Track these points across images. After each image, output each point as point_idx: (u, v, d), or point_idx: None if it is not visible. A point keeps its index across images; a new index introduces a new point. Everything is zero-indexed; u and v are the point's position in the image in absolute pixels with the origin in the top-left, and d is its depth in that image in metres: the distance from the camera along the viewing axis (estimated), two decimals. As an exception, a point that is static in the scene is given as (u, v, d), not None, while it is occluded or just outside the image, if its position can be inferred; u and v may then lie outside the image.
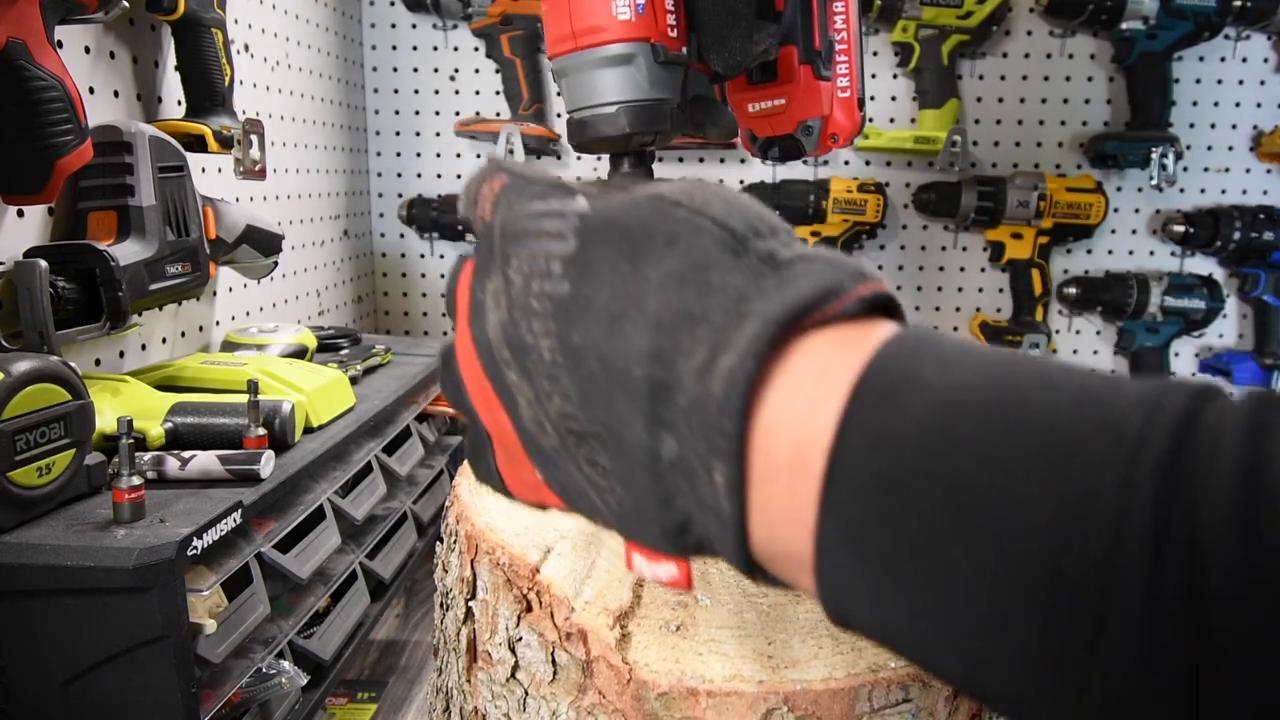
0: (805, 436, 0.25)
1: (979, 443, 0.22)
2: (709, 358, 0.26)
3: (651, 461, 0.28)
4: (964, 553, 0.22)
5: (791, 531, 0.26)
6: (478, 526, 0.46)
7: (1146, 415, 0.21)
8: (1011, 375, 0.24)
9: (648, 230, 0.29)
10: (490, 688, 0.43)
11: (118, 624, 0.52)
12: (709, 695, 0.35)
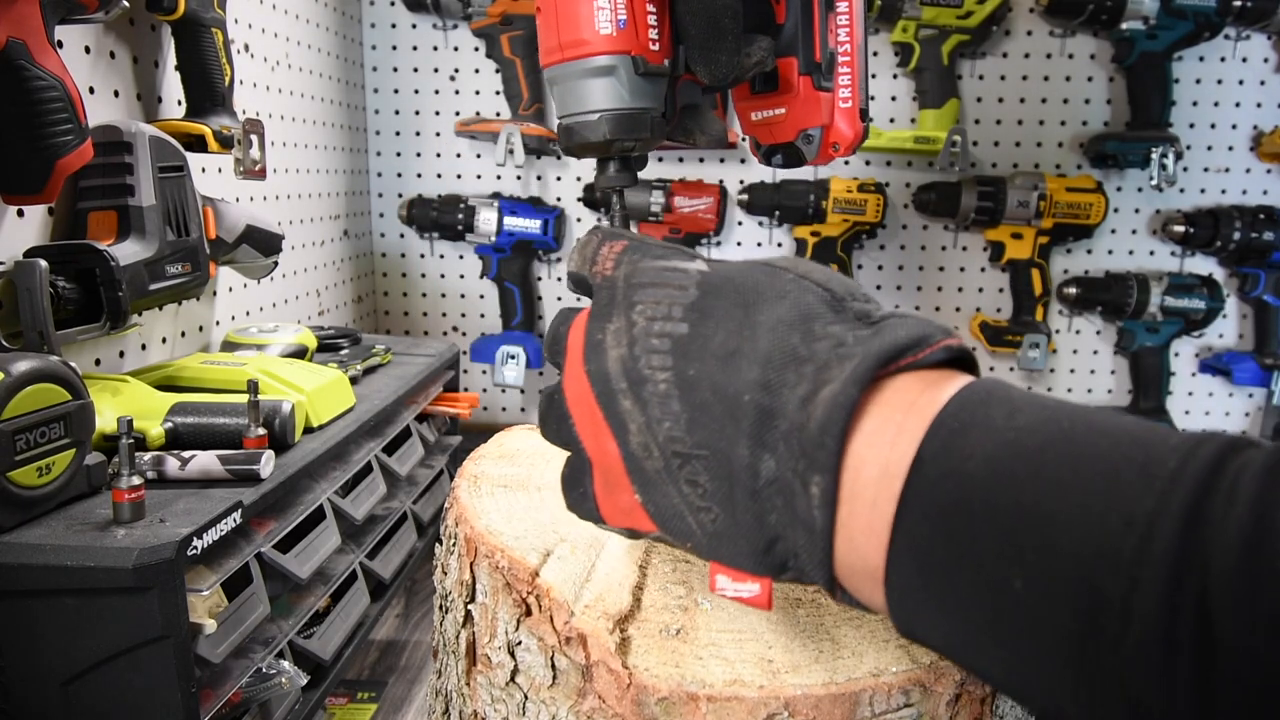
0: (891, 461, 0.29)
1: (1033, 477, 0.26)
2: (811, 390, 0.31)
3: (751, 479, 0.32)
4: (1017, 570, 0.26)
5: (869, 545, 0.30)
6: (477, 529, 0.46)
7: (1181, 459, 0.25)
8: (1067, 420, 0.28)
9: (759, 286, 0.35)
10: (490, 691, 0.43)
11: (118, 624, 0.52)
12: (709, 700, 0.35)
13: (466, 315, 1.70)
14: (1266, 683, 0.22)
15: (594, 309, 0.39)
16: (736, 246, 1.66)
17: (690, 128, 0.61)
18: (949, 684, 0.37)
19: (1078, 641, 0.25)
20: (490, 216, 1.56)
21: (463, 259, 1.67)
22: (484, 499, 0.51)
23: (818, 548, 0.31)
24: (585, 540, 0.46)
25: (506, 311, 1.63)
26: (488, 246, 1.59)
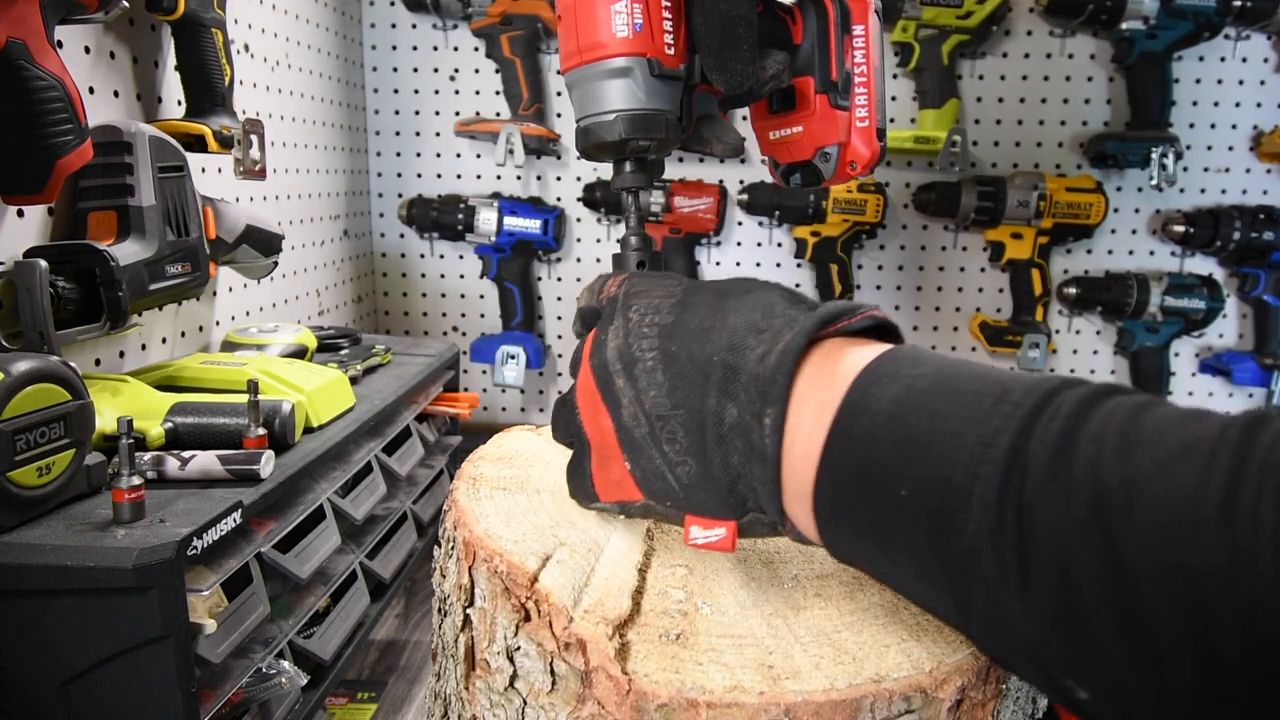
0: (825, 400, 0.37)
1: (919, 412, 0.34)
2: (768, 349, 0.39)
3: (718, 425, 0.39)
4: (903, 485, 0.33)
5: (805, 471, 0.37)
6: (475, 533, 0.46)
7: (1027, 392, 0.32)
8: (955, 370, 0.35)
9: (733, 287, 0.44)
10: (489, 696, 0.43)
11: (118, 624, 0.52)
12: (709, 706, 0.35)
13: (466, 315, 1.70)
14: (1069, 561, 0.29)
15: (600, 321, 0.46)
16: (736, 246, 1.66)
17: (707, 136, 0.63)
18: (951, 689, 0.37)
19: (939, 535, 0.32)
20: (490, 216, 1.56)
21: (463, 259, 1.67)
22: (483, 502, 0.51)
23: (769, 476, 0.38)
24: (584, 544, 0.46)
25: (506, 311, 1.62)
26: (488, 246, 1.59)
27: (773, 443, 0.37)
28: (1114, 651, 0.28)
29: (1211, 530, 0.26)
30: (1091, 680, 0.29)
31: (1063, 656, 0.30)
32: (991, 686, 0.38)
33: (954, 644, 0.39)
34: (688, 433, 0.40)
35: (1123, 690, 0.29)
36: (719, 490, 0.40)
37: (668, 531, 0.49)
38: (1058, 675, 0.31)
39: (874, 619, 0.41)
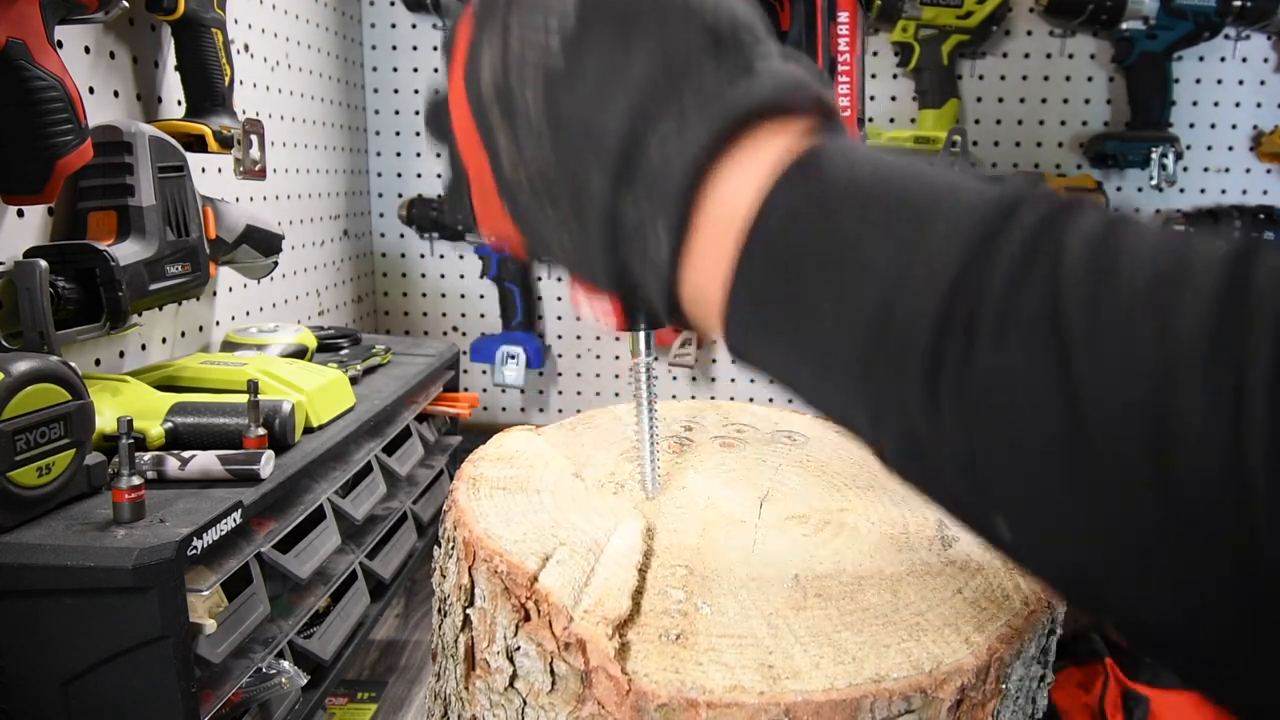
0: (736, 206, 0.31)
1: (855, 219, 0.29)
2: (674, 133, 0.32)
3: (605, 209, 0.34)
4: (827, 297, 0.29)
5: (712, 282, 0.32)
6: (475, 533, 0.46)
7: (986, 204, 0.28)
8: (898, 174, 0.30)
9: (643, 15, 0.34)
10: (488, 696, 0.43)
11: (118, 624, 0.52)
12: (709, 707, 0.35)
13: (466, 315, 1.70)
14: (1016, 399, 0.26)
15: (477, 13, 0.38)
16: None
17: None
18: (950, 690, 0.37)
19: (868, 360, 0.29)
20: (490, 216, 1.56)
21: (463, 259, 1.67)
22: (482, 501, 0.51)
23: (662, 288, 0.34)
24: (584, 545, 0.46)
25: (506, 311, 1.62)
26: (488, 246, 1.59)
27: (670, 262, 0.33)
28: (1062, 495, 0.25)
29: (1192, 373, 0.23)
30: (1024, 524, 0.27)
31: (999, 502, 0.28)
32: (991, 686, 0.38)
33: (954, 644, 0.39)
34: (573, 204, 0.35)
35: (1057, 537, 0.26)
36: (605, 272, 0.36)
37: (668, 532, 0.49)
38: (984, 511, 0.29)
39: (874, 619, 0.41)
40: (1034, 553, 0.29)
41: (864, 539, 0.49)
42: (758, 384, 1.73)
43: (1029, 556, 0.29)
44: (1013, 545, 0.29)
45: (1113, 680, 1.48)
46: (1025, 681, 0.41)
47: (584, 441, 0.62)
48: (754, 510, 0.52)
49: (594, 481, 0.55)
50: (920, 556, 0.47)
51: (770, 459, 0.60)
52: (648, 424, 0.53)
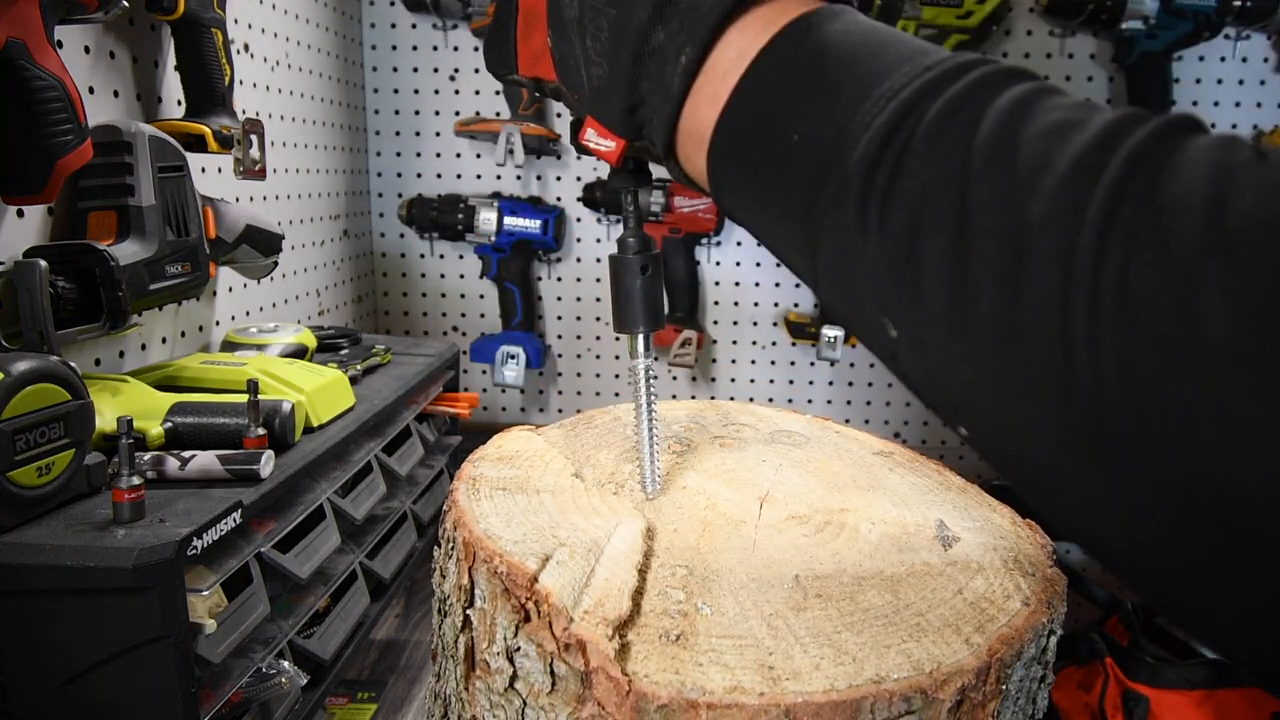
0: (747, 47, 0.36)
1: (836, 61, 0.34)
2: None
3: (641, 43, 0.38)
4: (797, 125, 0.33)
5: (709, 112, 0.37)
6: (475, 533, 0.46)
7: (948, 60, 0.32)
8: (884, 36, 0.35)
9: None
10: (489, 697, 0.43)
11: (118, 624, 0.52)
12: (709, 708, 0.35)
13: (466, 315, 1.70)
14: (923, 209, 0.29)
15: None
16: (736, 246, 1.66)
17: None
18: (951, 690, 0.37)
19: (816, 179, 0.33)
20: (490, 216, 1.56)
21: (463, 259, 1.67)
22: (482, 502, 0.51)
23: (667, 112, 0.38)
24: (584, 545, 0.46)
25: (506, 311, 1.62)
26: (488, 246, 1.59)
27: (681, 83, 0.37)
28: (938, 305, 0.29)
29: (1052, 186, 0.26)
30: (910, 332, 0.31)
31: (895, 305, 0.31)
32: (991, 687, 0.38)
33: (954, 645, 0.39)
34: (612, 35, 0.39)
35: (935, 346, 0.30)
36: (621, 108, 0.40)
37: (668, 532, 0.49)
38: (883, 324, 0.32)
39: (874, 619, 0.41)
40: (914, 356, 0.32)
41: (864, 539, 0.49)
42: (758, 384, 1.73)
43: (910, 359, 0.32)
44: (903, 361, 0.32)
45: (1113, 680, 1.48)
46: (1026, 682, 0.41)
47: (584, 442, 0.62)
48: (754, 511, 0.52)
49: (594, 482, 0.55)
50: (920, 557, 0.47)
51: (770, 459, 0.60)
52: (647, 426, 0.53)
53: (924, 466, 0.61)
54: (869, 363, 1.72)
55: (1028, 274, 0.26)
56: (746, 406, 0.72)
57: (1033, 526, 0.52)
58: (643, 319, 0.52)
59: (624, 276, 0.52)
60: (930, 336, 0.30)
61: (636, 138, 0.42)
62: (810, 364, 1.72)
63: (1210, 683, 1.48)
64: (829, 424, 0.69)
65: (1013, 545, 0.49)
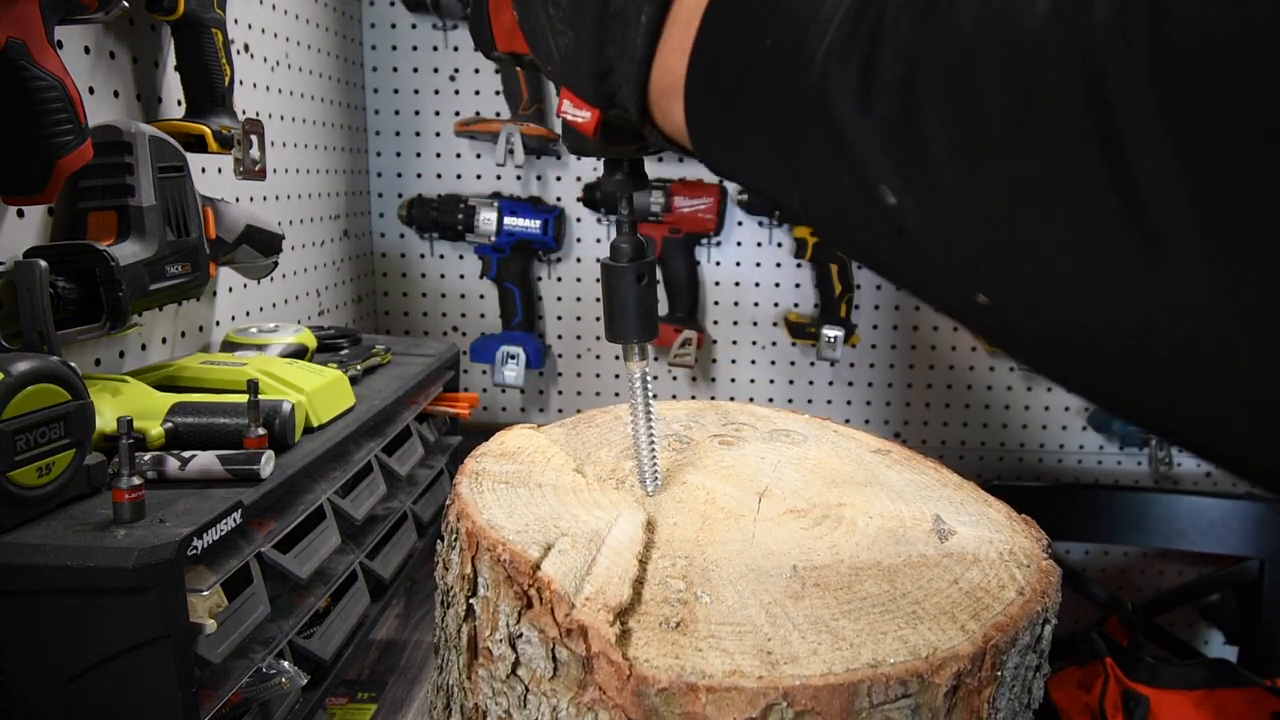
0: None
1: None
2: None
3: (600, 7, 0.38)
4: (767, 32, 0.32)
5: (678, 62, 0.36)
6: (478, 524, 0.46)
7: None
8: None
9: None
10: (491, 684, 0.43)
11: (118, 624, 0.52)
12: (708, 691, 0.35)
13: (466, 315, 1.70)
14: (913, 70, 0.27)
15: None
16: (736, 246, 1.66)
17: None
18: (947, 675, 0.37)
19: (792, 78, 0.31)
20: (490, 216, 1.56)
21: (463, 259, 1.67)
22: (485, 494, 0.51)
23: (635, 75, 0.38)
24: (586, 535, 0.46)
25: (506, 311, 1.63)
26: (488, 246, 1.59)
27: (645, 43, 0.37)
28: (944, 145, 0.26)
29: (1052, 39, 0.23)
30: (915, 189, 0.28)
31: (894, 171, 0.28)
32: (987, 673, 0.39)
33: (950, 632, 0.39)
34: (573, 2, 0.39)
35: (946, 191, 0.27)
36: (590, 75, 0.40)
37: (668, 524, 0.50)
38: (881, 195, 0.29)
39: (871, 607, 0.41)
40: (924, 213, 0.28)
41: (861, 532, 0.49)
42: (758, 384, 1.73)
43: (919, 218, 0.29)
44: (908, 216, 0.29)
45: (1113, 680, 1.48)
46: (1021, 670, 0.41)
47: (585, 439, 0.63)
48: (753, 505, 0.53)
49: (595, 477, 0.56)
50: (917, 549, 0.47)
51: (769, 456, 0.61)
52: (645, 431, 0.53)
53: (921, 464, 0.61)
54: (869, 363, 1.73)
55: (1043, 73, 0.23)
56: (746, 407, 0.72)
57: (1028, 521, 0.52)
58: (636, 329, 0.51)
59: (618, 286, 0.51)
60: (940, 181, 0.27)
61: (610, 105, 0.41)
62: (810, 364, 1.72)
63: (1210, 683, 1.48)
64: (827, 423, 0.69)
65: (1008, 539, 0.49)
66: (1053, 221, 0.24)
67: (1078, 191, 0.23)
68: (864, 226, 0.31)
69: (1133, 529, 1.70)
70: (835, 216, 0.32)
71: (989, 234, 0.26)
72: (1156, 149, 0.21)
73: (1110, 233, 0.22)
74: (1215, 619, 1.80)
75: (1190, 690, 1.48)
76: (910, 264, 0.30)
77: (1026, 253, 0.25)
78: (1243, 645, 1.72)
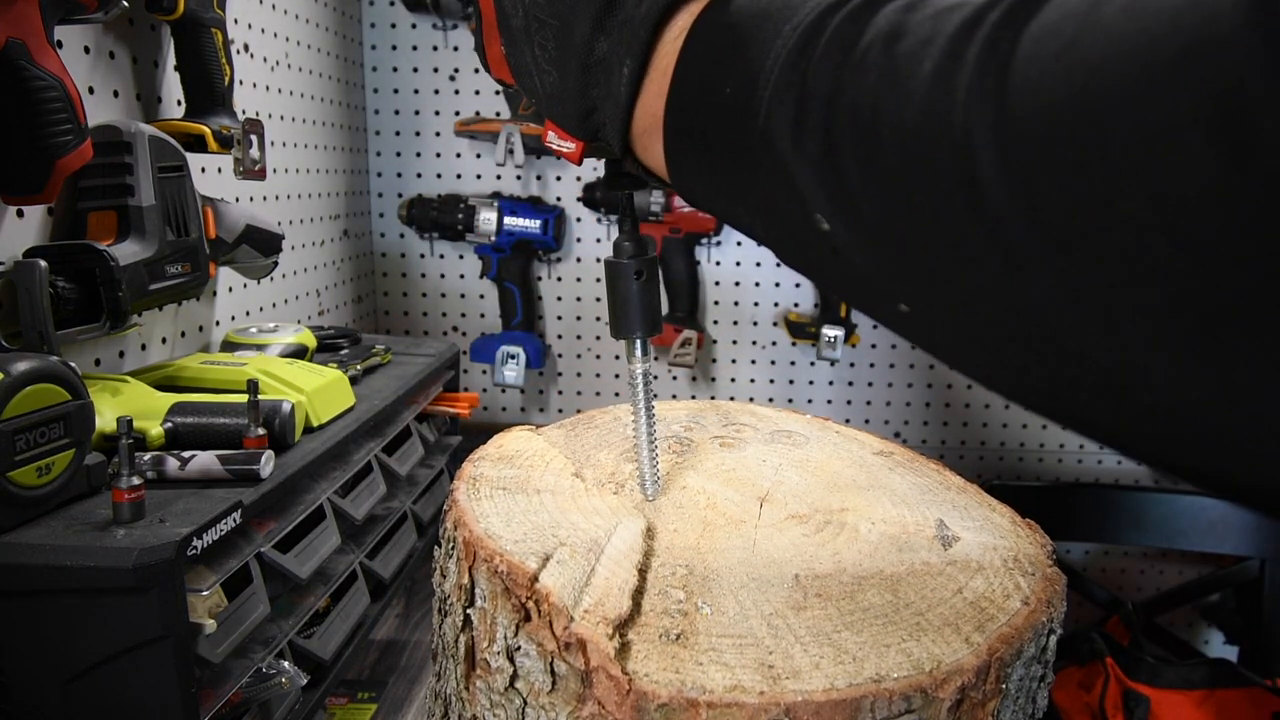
0: (681, 35, 0.38)
1: (753, 13, 0.35)
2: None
3: (586, 54, 0.40)
4: (727, 79, 0.35)
5: (657, 103, 0.39)
6: (475, 533, 0.46)
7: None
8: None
9: None
10: (489, 696, 0.43)
11: (118, 624, 0.52)
12: (709, 706, 0.35)
13: (466, 315, 1.70)
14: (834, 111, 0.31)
15: None
16: (736, 245, 1.66)
17: None
18: (951, 689, 0.37)
19: (744, 119, 0.34)
20: (490, 216, 1.56)
21: (463, 259, 1.67)
22: (483, 501, 0.51)
23: (619, 118, 0.40)
24: (584, 545, 0.46)
25: (506, 311, 1.63)
26: (488, 246, 1.59)
27: (627, 91, 0.39)
28: (855, 173, 0.30)
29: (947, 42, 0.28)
30: (840, 214, 0.31)
31: (825, 201, 0.32)
32: (991, 686, 0.38)
33: (954, 644, 0.39)
34: (558, 46, 0.41)
35: (863, 213, 0.31)
36: (575, 113, 0.42)
37: (668, 532, 0.49)
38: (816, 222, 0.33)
39: (874, 619, 0.41)
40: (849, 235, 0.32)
41: (864, 539, 0.49)
42: (758, 384, 1.73)
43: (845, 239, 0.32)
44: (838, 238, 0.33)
45: (1113, 680, 1.48)
46: (1025, 681, 0.41)
47: (584, 441, 0.62)
48: (754, 510, 0.52)
49: (594, 481, 0.55)
50: (920, 556, 0.47)
51: (770, 459, 0.60)
52: (646, 430, 0.53)
53: (924, 466, 0.61)
54: (869, 363, 1.72)
55: (924, 121, 0.27)
56: (746, 406, 0.72)
57: (1032, 526, 0.52)
58: (640, 324, 0.51)
59: (619, 282, 0.51)
60: (860, 210, 0.31)
61: (594, 139, 0.43)
62: (810, 364, 1.72)
63: (1211, 682, 1.48)
64: (829, 424, 0.69)
65: (1012, 545, 0.49)
66: (941, 245, 0.28)
67: (955, 222, 0.27)
68: (808, 247, 0.35)
69: (1133, 529, 1.70)
70: (785, 239, 0.36)
71: (900, 255, 0.30)
72: (1002, 185, 0.25)
73: (983, 254, 0.27)
74: (1215, 619, 1.80)
75: (1191, 690, 1.48)
76: (845, 279, 0.35)
77: (927, 270, 0.29)
78: (1243, 645, 1.72)
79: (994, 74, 0.26)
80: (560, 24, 0.41)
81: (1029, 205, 0.25)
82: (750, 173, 0.35)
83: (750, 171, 0.35)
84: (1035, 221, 0.25)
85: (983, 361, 0.31)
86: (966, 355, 0.32)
